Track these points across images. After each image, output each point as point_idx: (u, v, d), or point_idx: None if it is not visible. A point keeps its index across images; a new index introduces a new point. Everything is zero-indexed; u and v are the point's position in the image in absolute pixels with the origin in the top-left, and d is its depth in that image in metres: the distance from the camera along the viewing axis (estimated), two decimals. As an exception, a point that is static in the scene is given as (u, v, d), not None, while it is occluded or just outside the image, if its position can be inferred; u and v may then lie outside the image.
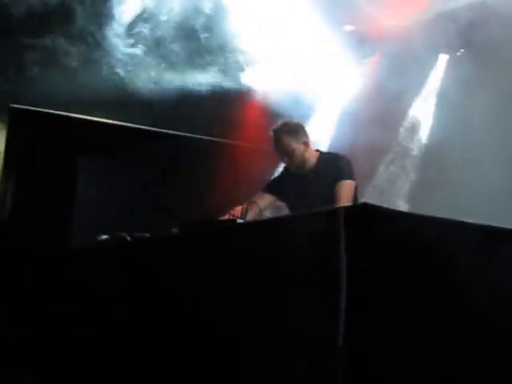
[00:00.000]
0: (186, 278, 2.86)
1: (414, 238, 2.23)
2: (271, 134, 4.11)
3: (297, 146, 4.06)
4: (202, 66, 6.22)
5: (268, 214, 4.23)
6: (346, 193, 3.85)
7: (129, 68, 6.09)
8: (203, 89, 6.51)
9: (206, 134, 6.92)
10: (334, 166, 4.01)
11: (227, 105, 6.69)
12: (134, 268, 3.23)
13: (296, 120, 4.22)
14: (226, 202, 4.04)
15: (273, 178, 4.35)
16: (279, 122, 4.14)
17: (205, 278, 2.74)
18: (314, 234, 2.30)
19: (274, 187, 4.23)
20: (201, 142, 6.84)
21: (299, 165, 4.11)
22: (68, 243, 5.20)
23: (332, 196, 3.81)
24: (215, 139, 7.00)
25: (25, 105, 6.24)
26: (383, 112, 6.24)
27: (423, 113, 6.52)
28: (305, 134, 4.14)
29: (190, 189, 6.29)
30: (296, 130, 4.10)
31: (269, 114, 6.28)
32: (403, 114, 6.68)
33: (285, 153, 4.07)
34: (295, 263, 2.32)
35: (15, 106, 6.21)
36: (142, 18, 5.88)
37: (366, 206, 2.15)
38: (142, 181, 6.34)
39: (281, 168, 4.37)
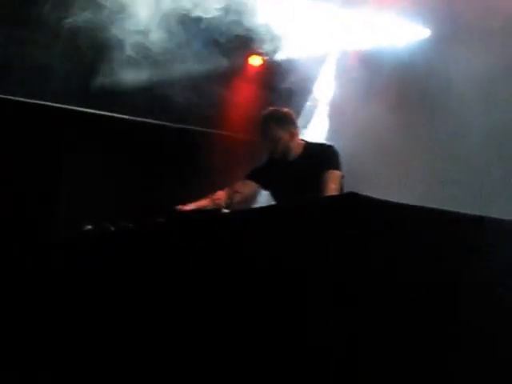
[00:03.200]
0: (172, 267, 2.85)
1: (400, 227, 2.28)
2: (259, 119, 4.11)
3: (282, 135, 4.02)
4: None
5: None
6: (332, 183, 3.80)
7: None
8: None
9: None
10: (320, 155, 3.98)
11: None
12: (118, 258, 3.20)
13: (286, 108, 4.19)
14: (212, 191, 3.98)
15: (256, 166, 4.30)
16: (269, 109, 4.14)
17: (191, 267, 2.73)
18: (300, 224, 2.34)
19: (257, 175, 4.19)
20: (189, 133, 6.78)
21: (282, 153, 4.07)
22: (51, 234, 5.12)
23: (318, 186, 3.77)
24: (203, 129, 6.94)
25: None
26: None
27: None
28: (293, 123, 4.11)
29: (177, 180, 6.23)
30: (284, 118, 4.08)
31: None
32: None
33: (269, 140, 4.06)
34: (283, 253, 2.34)
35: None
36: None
37: (352, 195, 2.18)
38: (127, 172, 6.27)
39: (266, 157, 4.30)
